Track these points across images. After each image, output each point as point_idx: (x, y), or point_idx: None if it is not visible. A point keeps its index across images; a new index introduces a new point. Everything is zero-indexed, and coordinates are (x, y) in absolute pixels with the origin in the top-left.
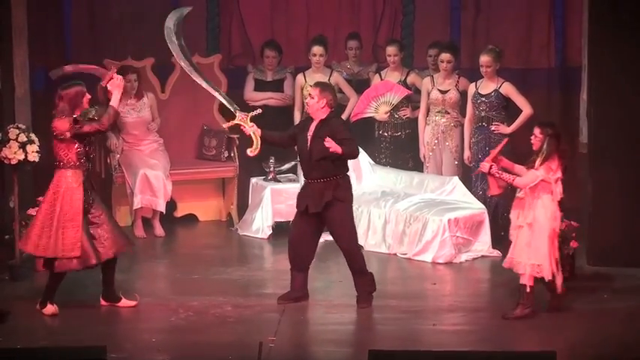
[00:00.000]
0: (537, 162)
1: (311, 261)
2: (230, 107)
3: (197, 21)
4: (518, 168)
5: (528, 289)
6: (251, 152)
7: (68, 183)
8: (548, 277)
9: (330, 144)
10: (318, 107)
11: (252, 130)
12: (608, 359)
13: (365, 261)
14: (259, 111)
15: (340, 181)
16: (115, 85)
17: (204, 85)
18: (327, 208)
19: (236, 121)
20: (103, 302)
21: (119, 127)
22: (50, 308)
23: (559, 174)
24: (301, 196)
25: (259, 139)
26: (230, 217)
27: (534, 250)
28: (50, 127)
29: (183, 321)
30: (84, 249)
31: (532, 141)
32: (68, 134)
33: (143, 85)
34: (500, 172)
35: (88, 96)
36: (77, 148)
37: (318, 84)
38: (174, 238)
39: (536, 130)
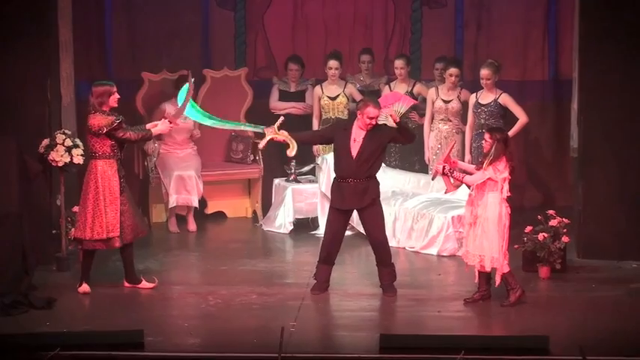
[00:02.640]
0: (485, 163)
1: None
2: (258, 130)
3: (226, 38)
4: (469, 168)
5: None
6: (290, 152)
7: (104, 171)
8: (502, 268)
9: (394, 117)
10: None
11: (283, 136)
12: (595, 343)
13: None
14: (282, 119)
15: (376, 181)
16: (166, 127)
17: (227, 127)
18: (366, 205)
19: (269, 138)
20: (126, 284)
21: None
22: (83, 287)
23: (506, 174)
24: (339, 196)
25: (293, 140)
26: (255, 214)
27: (489, 244)
28: (87, 124)
29: (213, 308)
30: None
31: (483, 144)
32: (105, 130)
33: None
34: (451, 171)
35: (116, 96)
36: (112, 142)
37: (376, 104)
38: (204, 233)
39: (486, 135)
